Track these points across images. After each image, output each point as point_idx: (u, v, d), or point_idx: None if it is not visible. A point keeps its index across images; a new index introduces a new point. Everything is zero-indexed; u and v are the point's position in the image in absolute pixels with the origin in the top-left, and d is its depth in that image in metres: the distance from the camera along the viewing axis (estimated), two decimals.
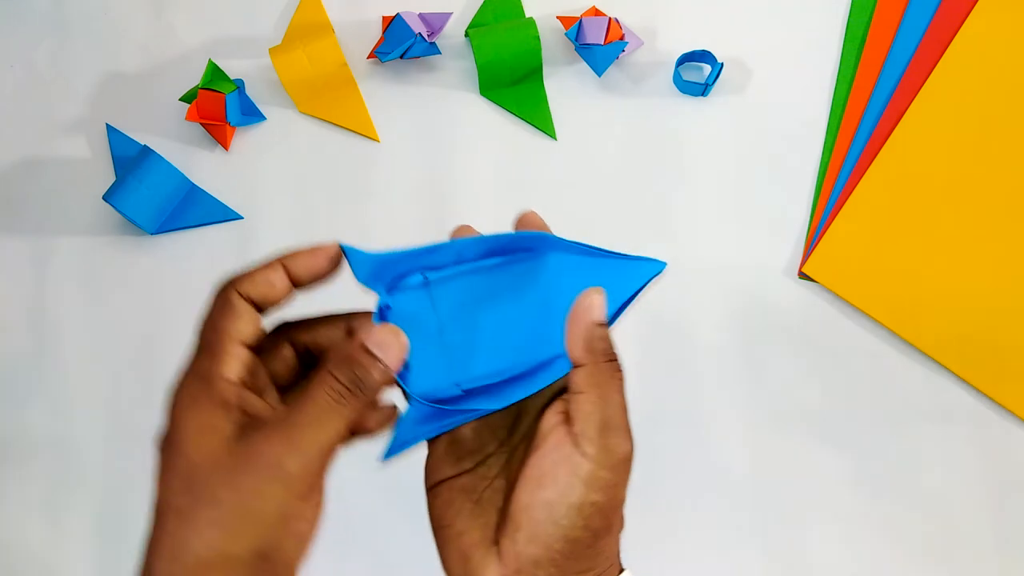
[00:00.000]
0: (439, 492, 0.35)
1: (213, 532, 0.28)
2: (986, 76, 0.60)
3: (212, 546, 0.28)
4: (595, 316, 0.33)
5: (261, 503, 0.28)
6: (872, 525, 0.53)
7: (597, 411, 0.32)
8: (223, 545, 0.28)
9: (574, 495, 0.31)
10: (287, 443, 0.29)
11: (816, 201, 0.59)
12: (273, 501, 0.29)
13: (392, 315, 0.34)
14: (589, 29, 0.59)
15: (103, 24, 0.65)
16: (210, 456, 0.29)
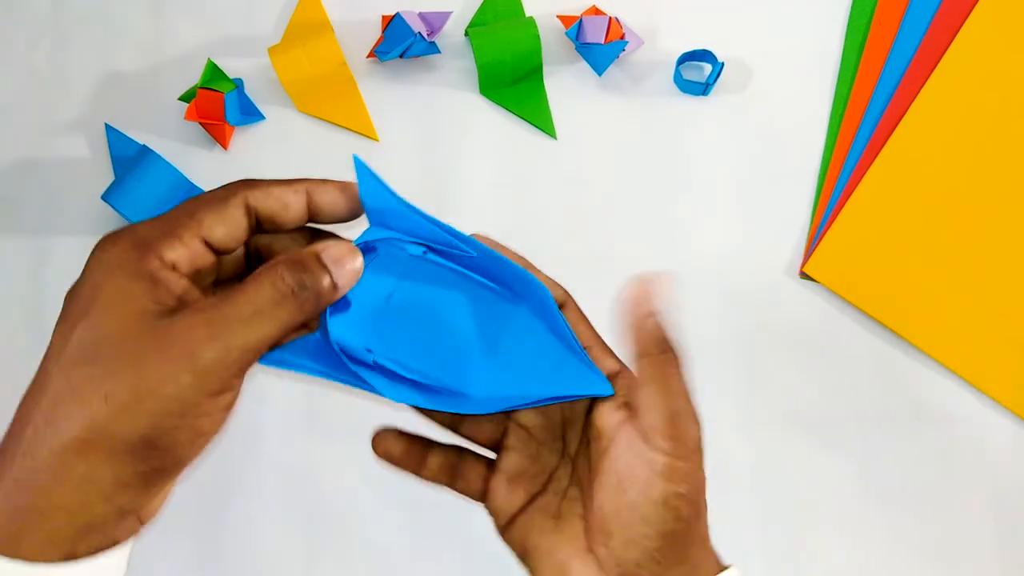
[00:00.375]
0: (516, 524, 0.34)
1: (103, 408, 0.26)
2: (987, 76, 0.60)
3: (97, 423, 0.26)
4: (647, 307, 0.32)
5: (163, 388, 0.26)
6: (872, 525, 0.53)
7: (662, 402, 0.32)
8: (109, 424, 0.26)
9: (657, 491, 0.31)
10: (209, 334, 0.26)
11: (817, 201, 0.59)
12: (177, 388, 0.26)
13: (369, 256, 0.33)
14: (589, 28, 0.59)
15: (102, 24, 0.64)
16: (121, 328, 0.26)
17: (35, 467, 0.26)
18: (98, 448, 0.26)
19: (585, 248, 0.58)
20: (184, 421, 0.26)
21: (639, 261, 0.58)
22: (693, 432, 0.32)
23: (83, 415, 0.26)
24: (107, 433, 0.26)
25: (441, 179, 0.60)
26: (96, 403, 0.26)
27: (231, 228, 0.29)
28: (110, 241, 0.28)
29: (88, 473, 0.26)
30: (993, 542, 0.53)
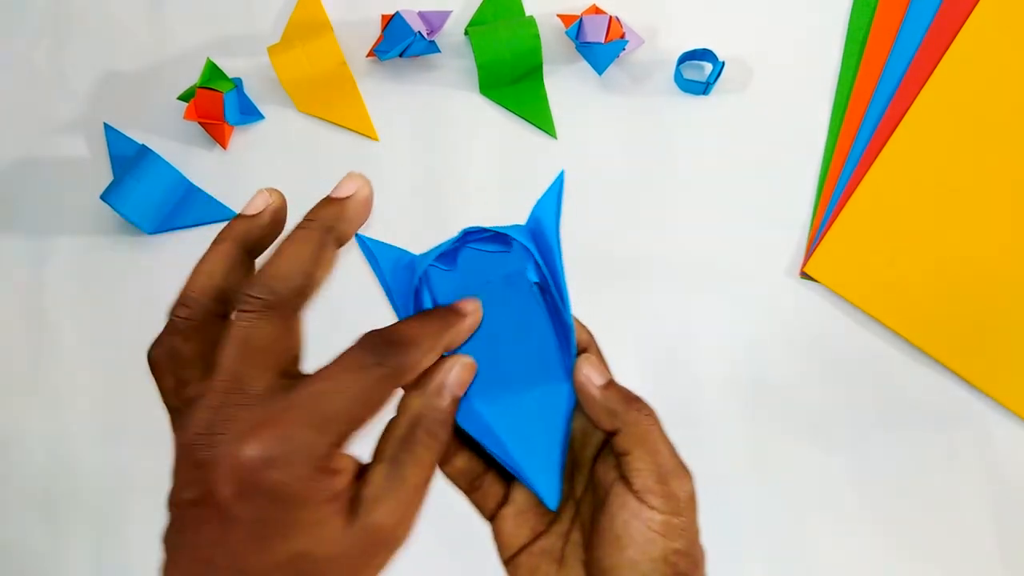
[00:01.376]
0: (519, 562, 0.35)
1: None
2: (988, 76, 0.60)
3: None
4: (598, 382, 0.33)
5: (374, 571, 0.28)
6: (872, 524, 0.53)
7: (648, 466, 0.32)
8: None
9: (655, 549, 0.32)
10: (401, 515, 0.28)
11: (818, 200, 0.59)
12: (384, 564, 0.28)
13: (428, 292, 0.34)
14: (590, 27, 0.59)
15: (101, 23, 0.64)
16: (331, 550, 0.27)
17: None
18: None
19: (585, 248, 0.58)
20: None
21: (639, 260, 0.58)
22: (686, 487, 0.33)
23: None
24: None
25: (441, 178, 0.60)
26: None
27: (379, 413, 0.29)
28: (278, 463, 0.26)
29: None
30: (993, 542, 0.53)
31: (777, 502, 0.54)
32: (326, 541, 0.27)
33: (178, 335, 0.30)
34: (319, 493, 0.27)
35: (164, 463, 0.58)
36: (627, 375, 0.56)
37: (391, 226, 0.59)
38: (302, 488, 0.27)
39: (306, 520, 0.27)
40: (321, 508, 0.27)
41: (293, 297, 0.29)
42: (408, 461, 0.29)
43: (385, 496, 0.28)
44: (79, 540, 0.54)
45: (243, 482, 0.26)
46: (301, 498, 0.27)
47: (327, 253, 0.29)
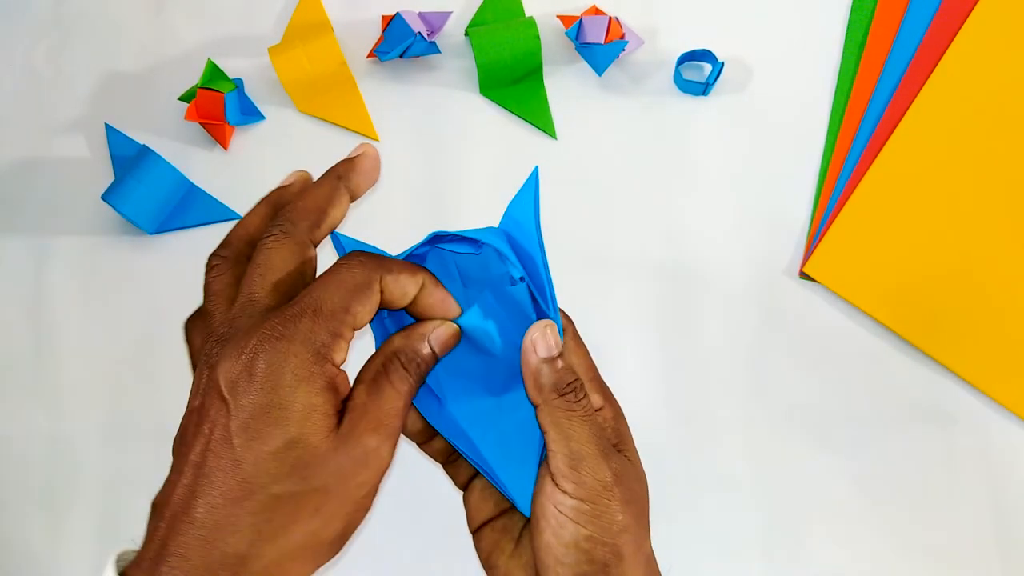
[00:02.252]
0: (483, 535, 0.36)
1: (315, 519, 0.29)
2: (987, 76, 0.60)
3: (310, 531, 0.29)
4: (540, 353, 0.33)
5: (360, 491, 0.30)
6: (872, 525, 0.53)
7: (560, 448, 0.32)
8: (320, 531, 0.29)
9: (566, 533, 0.32)
10: (383, 435, 0.30)
11: (817, 200, 0.59)
12: (369, 488, 0.30)
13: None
14: (589, 28, 0.59)
15: (102, 23, 0.64)
16: (323, 444, 0.29)
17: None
18: (310, 552, 0.30)
19: (585, 248, 0.58)
20: (365, 509, 0.31)
21: (639, 261, 0.58)
22: (599, 475, 0.32)
23: (299, 528, 0.29)
24: (317, 538, 0.30)
25: (441, 179, 0.60)
26: (308, 515, 0.29)
27: (371, 312, 0.32)
28: (282, 343, 0.29)
29: (302, 570, 0.30)
30: (993, 542, 0.53)
31: (776, 502, 0.54)
32: (318, 431, 0.29)
33: (213, 271, 0.33)
34: (316, 377, 0.29)
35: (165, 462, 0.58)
36: (626, 375, 0.56)
37: (391, 225, 0.60)
38: (299, 369, 0.29)
39: (301, 404, 0.28)
40: (317, 394, 0.29)
41: (307, 227, 0.32)
42: (385, 384, 0.31)
43: (367, 409, 0.30)
44: (79, 539, 0.54)
45: (243, 370, 0.29)
46: (298, 378, 0.29)
47: (340, 196, 0.34)
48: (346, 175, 0.35)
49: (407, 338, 0.33)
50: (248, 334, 0.29)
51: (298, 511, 0.29)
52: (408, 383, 0.32)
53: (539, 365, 0.33)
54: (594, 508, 0.32)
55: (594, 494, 0.32)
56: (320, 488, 0.29)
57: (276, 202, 0.35)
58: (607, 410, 0.35)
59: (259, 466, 0.28)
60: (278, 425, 0.28)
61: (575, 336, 0.36)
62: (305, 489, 0.29)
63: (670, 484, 0.54)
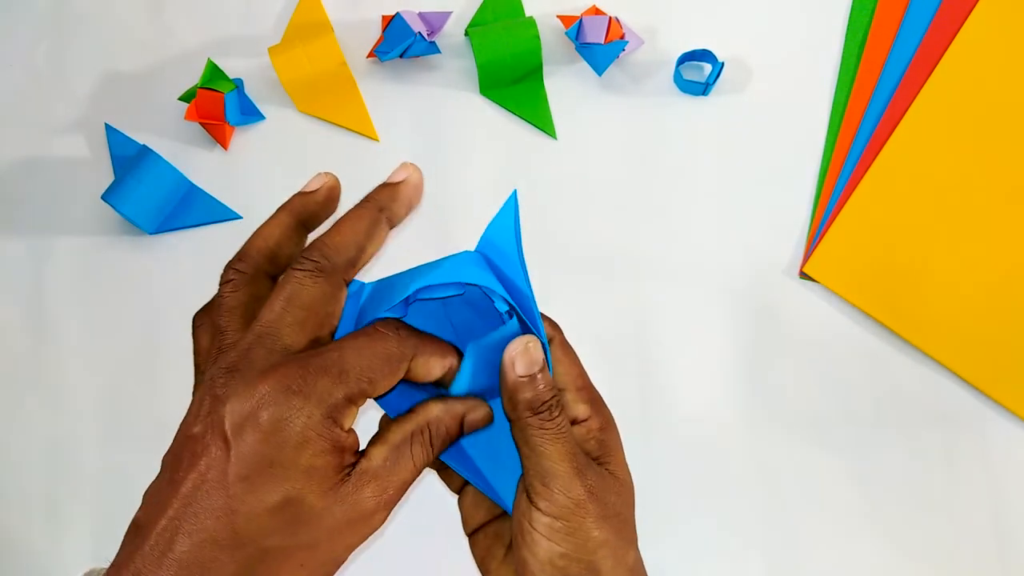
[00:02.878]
0: (477, 539, 0.36)
1: (297, 573, 0.29)
2: (987, 76, 0.60)
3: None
4: (519, 370, 0.32)
5: (347, 550, 0.30)
6: (872, 524, 0.53)
7: (533, 466, 0.32)
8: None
9: (540, 550, 0.31)
10: (384, 501, 0.30)
11: (817, 200, 0.59)
12: (356, 547, 0.30)
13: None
14: (589, 28, 0.59)
15: (102, 24, 0.64)
16: (320, 504, 0.28)
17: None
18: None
19: (585, 248, 0.58)
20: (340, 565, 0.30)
21: (638, 261, 0.58)
22: (571, 493, 0.31)
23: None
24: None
25: (441, 179, 0.60)
26: (291, 570, 0.29)
27: (391, 386, 0.31)
28: (296, 399, 0.28)
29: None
30: (993, 542, 0.53)
31: (775, 502, 0.54)
32: (319, 492, 0.28)
33: (228, 285, 0.32)
34: (323, 439, 0.28)
35: None
36: (626, 375, 0.56)
37: None
38: (308, 430, 0.28)
39: (305, 464, 0.28)
40: (322, 455, 0.28)
41: (344, 266, 0.31)
42: (407, 453, 0.30)
43: (379, 475, 0.29)
44: (80, 539, 0.55)
45: (250, 414, 0.27)
46: (304, 439, 0.28)
47: (379, 230, 0.32)
48: (388, 206, 0.33)
49: (445, 413, 0.32)
50: (263, 375, 0.28)
51: (283, 565, 0.28)
52: (426, 458, 0.31)
53: (516, 382, 0.32)
54: (567, 526, 0.31)
55: (567, 512, 0.31)
56: (310, 544, 0.29)
57: (299, 212, 0.34)
58: (593, 420, 0.34)
59: (253, 520, 0.28)
60: (278, 482, 0.28)
61: (563, 344, 0.36)
62: (294, 544, 0.28)
63: (668, 483, 0.54)
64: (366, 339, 0.30)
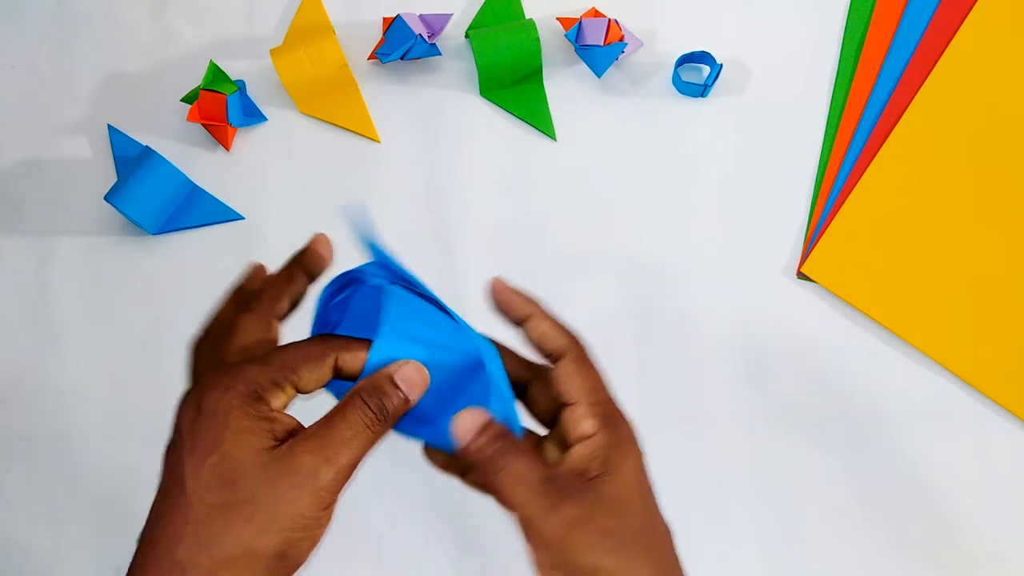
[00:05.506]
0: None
1: (246, 529, 0.31)
2: (985, 76, 0.60)
3: (242, 541, 0.31)
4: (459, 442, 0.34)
5: (292, 508, 0.31)
6: (870, 525, 0.54)
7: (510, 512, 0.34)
8: (252, 541, 0.31)
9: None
10: (323, 458, 0.32)
11: (815, 201, 0.59)
12: (303, 507, 0.31)
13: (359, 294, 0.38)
14: (589, 30, 0.60)
15: (105, 25, 0.65)
16: (252, 460, 0.31)
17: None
18: (244, 564, 0.31)
19: (584, 248, 0.59)
20: (307, 533, 0.32)
21: (637, 261, 0.58)
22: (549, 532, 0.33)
23: (230, 537, 0.31)
24: (251, 550, 0.31)
25: (442, 180, 0.60)
26: (240, 525, 0.31)
27: (319, 380, 0.34)
28: (224, 384, 0.33)
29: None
30: (993, 542, 0.53)
31: (774, 502, 0.54)
32: (247, 448, 0.31)
33: (195, 352, 0.38)
34: (249, 408, 0.32)
35: None
36: (625, 375, 0.56)
37: (391, 226, 0.60)
38: (236, 400, 0.32)
39: (234, 426, 0.32)
40: (248, 419, 0.32)
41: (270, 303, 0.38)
42: (338, 417, 0.33)
43: (310, 437, 0.32)
44: (80, 539, 0.55)
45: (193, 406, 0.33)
46: (233, 407, 0.32)
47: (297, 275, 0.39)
48: (301, 259, 0.39)
49: (370, 378, 0.34)
50: (206, 381, 0.33)
51: (230, 520, 0.31)
52: (366, 417, 0.33)
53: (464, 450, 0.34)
54: (556, 558, 0.32)
55: (553, 548, 0.32)
56: (249, 499, 0.31)
57: (240, 292, 0.39)
58: (599, 437, 0.34)
59: (197, 480, 0.31)
60: (214, 444, 0.31)
61: (578, 360, 0.36)
62: (235, 499, 0.31)
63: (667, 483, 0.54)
64: (291, 342, 0.35)
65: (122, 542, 0.54)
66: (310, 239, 0.40)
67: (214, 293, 0.59)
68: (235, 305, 0.38)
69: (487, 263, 0.58)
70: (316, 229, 0.59)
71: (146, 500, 0.55)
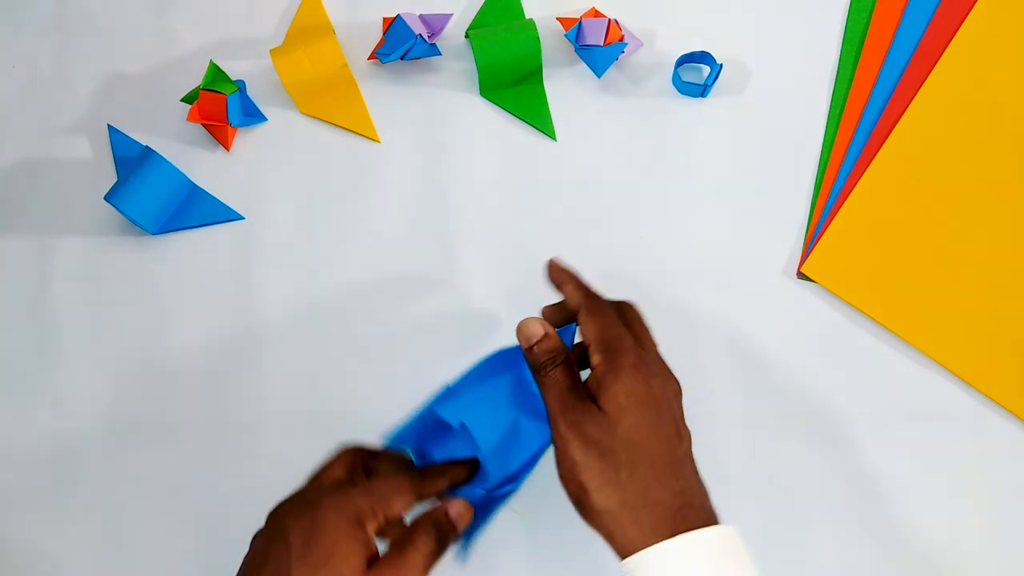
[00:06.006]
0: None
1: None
2: (985, 76, 0.60)
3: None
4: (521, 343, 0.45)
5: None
6: (870, 525, 0.54)
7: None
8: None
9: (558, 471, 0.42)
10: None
11: (815, 201, 0.59)
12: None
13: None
14: (589, 30, 0.60)
15: (105, 25, 0.65)
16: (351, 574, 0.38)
17: None
18: None
19: (584, 248, 0.59)
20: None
21: (637, 261, 0.58)
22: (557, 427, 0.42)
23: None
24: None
25: (442, 180, 0.60)
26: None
27: (404, 509, 0.42)
28: (338, 506, 0.40)
29: None
30: (991, 542, 0.53)
31: (773, 502, 0.54)
32: (350, 568, 0.38)
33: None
34: (355, 532, 0.39)
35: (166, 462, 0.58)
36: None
37: (391, 227, 0.60)
38: (345, 526, 0.39)
39: (344, 548, 0.39)
40: (355, 545, 0.39)
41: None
42: (409, 548, 0.40)
43: (390, 563, 0.39)
44: (80, 539, 0.55)
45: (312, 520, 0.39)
46: (341, 530, 0.39)
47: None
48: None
49: (431, 513, 0.43)
50: (324, 498, 0.41)
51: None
52: (430, 544, 0.41)
53: (525, 351, 0.44)
54: (559, 451, 0.41)
55: (557, 440, 0.41)
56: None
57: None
58: (600, 366, 0.42)
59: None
60: (325, 557, 0.38)
61: (588, 310, 0.44)
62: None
63: None
64: (387, 477, 0.44)
65: (122, 541, 0.55)
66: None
67: (214, 293, 0.59)
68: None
69: (487, 263, 0.58)
70: (317, 229, 0.60)
71: (147, 498, 0.55)
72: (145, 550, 0.54)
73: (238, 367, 0.57)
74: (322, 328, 0.58)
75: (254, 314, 0.58)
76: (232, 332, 0.58)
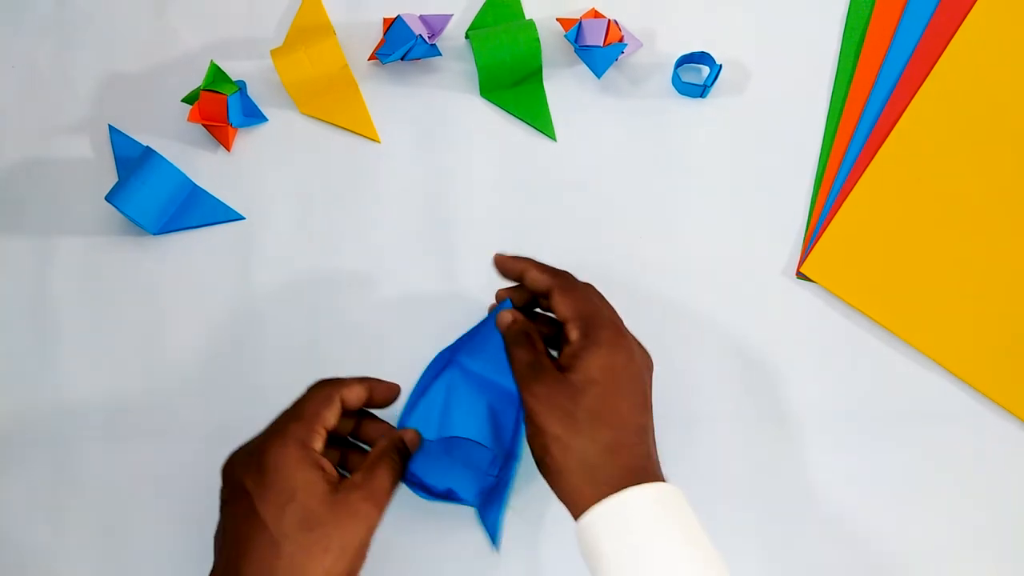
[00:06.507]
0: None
1: (326, 558, 0.40)
2: (984, 76, 0.60)
3: (324, 568, 0.40)
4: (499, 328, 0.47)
5: (355, 540, 0.41)
6: (869, 525, 0.54)
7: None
8: (330, 568, 0.40)
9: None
10: (372, 501, 0.42)
11: (814, 201, 0.59)
12: (361, 538, 0.41)
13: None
14: (588, 31, 0.60)
15: (105, 25, 0.65)
16: (320, 504, 0.40)
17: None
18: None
19: (584, 248, 0.59)
20: (361, 559, 0.42)
21: (637, 261, 0.58)
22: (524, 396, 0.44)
23: (314, 564, 0.40)
24: (329, 574, 0.40)
25: (442, 180, 0.60)
26: (320, 555, 0.40)
27: (335, 417, 0.44)
28: (278, 443, 0.42)
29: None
30: (991, 542, 0.53)
31: (775, 502, 0.54)
32: (316, 496, 0.41)
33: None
34: (306, 460, 0.41)
35: (167, 462, 0.58)
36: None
37: (392, 228, 0.60)
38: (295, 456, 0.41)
39: (302, 479, 0.41)
40: (311, 473, 0.41)
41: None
42: (377, 470, 0.43)
43: (360, 486, 0.42)
44: (80, 539, 0.55)
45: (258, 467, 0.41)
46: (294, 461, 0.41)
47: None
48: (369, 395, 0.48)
49: (389, 440, 0.45)
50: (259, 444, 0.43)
51: (313, 553, 0.40)
52: (394, 471, 0.44)
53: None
54: (527, 417, 0.43)
55: (527, 414, 0.43)
56: (324, 535, 0.40)
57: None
58: (577, 341, 0.44)
59: (280, 523, 0.40)
60: (289, 493, 0.40)
61: (560, 289, 0.46)
62: (314, 536, 0.40)
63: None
64: (304, 397, 0.45)
65: (122, 541, 0.55)
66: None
67: (214, 293, 0.59)
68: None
69: (487, 263, 0.58)
70: (317, 229, 0.60)
71: (147, 498, 0.55)
72: (144, 550, 0.54)
73: (238, 367, 0.57)
74: (322, 328, 0.58)
75: (254, 314, 0.58)
76: (232, 332, 0.58)
